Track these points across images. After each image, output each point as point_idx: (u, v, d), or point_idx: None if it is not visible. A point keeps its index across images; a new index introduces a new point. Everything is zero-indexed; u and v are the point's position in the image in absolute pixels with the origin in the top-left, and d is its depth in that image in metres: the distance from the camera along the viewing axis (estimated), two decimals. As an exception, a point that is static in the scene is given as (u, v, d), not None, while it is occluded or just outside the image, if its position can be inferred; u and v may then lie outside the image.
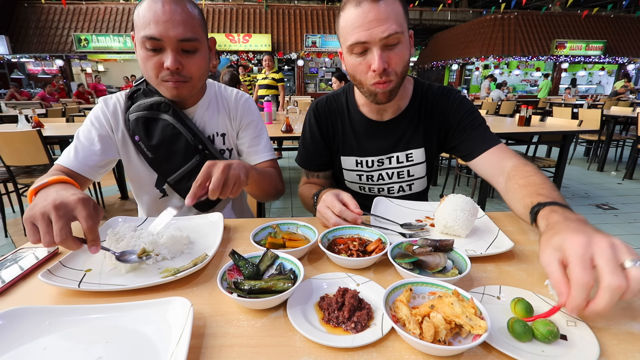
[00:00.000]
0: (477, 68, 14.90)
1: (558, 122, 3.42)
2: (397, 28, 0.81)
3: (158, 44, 0.83)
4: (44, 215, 0.57)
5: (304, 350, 0.46)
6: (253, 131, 1.10)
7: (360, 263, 0.65)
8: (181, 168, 1.01)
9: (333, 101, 1.11)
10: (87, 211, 0.59)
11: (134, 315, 0.51)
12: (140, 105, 0.97)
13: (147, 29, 0.82)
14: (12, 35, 11.55)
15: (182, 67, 0.87)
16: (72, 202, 0.59)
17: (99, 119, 0.97)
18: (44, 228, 0.56)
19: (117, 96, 1.01)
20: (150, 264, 0.67)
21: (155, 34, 0.81)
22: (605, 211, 3.27)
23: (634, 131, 4.34)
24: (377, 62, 0.83)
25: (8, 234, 2.78)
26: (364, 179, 1.13)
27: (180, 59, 0.86)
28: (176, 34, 0.83)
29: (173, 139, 0.99)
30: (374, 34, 0.81)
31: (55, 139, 2.68)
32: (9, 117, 4.90)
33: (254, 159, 1.11)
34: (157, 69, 0.86)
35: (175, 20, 0.82)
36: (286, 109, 3.27)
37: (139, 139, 0.98)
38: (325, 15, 13.06)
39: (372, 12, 0.81)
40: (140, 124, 0.97)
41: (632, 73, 13.80)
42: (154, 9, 0.82)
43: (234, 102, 1.09)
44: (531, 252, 0.73)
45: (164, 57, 0.85)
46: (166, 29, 0.82)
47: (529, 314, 0.51)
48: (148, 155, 0.99)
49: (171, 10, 0.82)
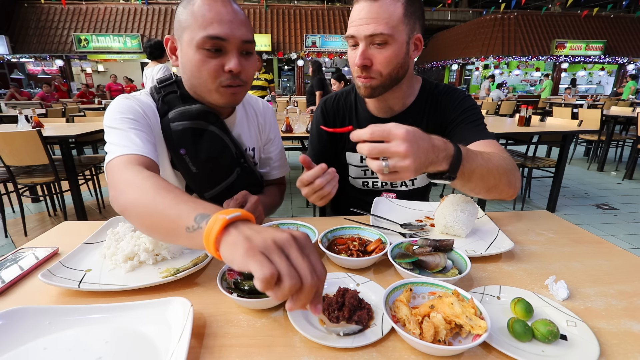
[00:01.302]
0: (477, 68, 14.90)
1: (558, 122, 3.42)
2: (384, 29, 0.83)
3: (221, 44, 0.78)
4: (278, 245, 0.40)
5: (304, 350, 0.46)
6: (277, 145, 1.11)
7: (360, 263, 0.65)
8: (221, 183, 0.95)
9: (342, 98, 1.13)
10: (318, 255, 0.43)
11: (134, 315, 0.51)
12: (185, 114, 0.86)
13: (209, 28, 0.76)
14: (12, 35, 11.55)
15: (243, 70, 0.82)
16: (303, 236, 0.42)
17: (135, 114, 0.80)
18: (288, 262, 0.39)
19: (145, 97, 0.87)
20: (151, 264, 0.67)
21: (220, 34, 0.76)
22: (605, 211, 3.27)
23: (634, 131, 4.34)
24: (358, 57, 0.87)
25: (8, 234, 2.77)
26: (368, 174, 1.14)
27: (241, 60, 0.81)
28: (241, 35, 0.79)
29: (221, 152, 0.91)
30: (360, 30, 0.85)
31: (55, 139, 2.67)
32: (9, 117, 4.89)
33: (276, 173, 1.13)
34: (216, 72, 0.79)
35: (240, 20, 0.79)
36: (286, 109, 3.27)
37: (185, 152, 0.87)
38: (325, 15, 13.06)
39: (364, 9, 0.84)
40: (188, 135, 0.86)
41: (631, 73, 13.79)
42: (216, 8, 0.77)
43: (262, 112, 1.06)
44: (531, 252, 0.73)
45: (225, 59, 0.79)
46: (232, 29, 0.77)
47: (529, 314, 0.51)
48: (192, 171, 0.89)
49: (234, 11, 0.79)
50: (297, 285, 0.38)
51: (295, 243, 0.40)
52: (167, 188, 0.56)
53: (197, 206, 0.49)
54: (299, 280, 0.38)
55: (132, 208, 0.57)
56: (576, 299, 0.57)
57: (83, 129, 2.84)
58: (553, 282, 0.59)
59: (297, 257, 0.39)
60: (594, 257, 0.71)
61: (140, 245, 0.68)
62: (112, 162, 0.70)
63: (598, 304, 0.56)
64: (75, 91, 10.73)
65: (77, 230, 0.86)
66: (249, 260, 0.38)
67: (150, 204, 0.54)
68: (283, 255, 0.39)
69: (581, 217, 3.13)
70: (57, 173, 2.61)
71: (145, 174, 0.62)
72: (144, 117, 0.81)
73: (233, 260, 0.40)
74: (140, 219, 0.56)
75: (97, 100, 8.10)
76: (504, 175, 0.75)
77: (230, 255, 0.40)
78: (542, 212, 0.96)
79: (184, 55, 0.81)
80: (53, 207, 3.25)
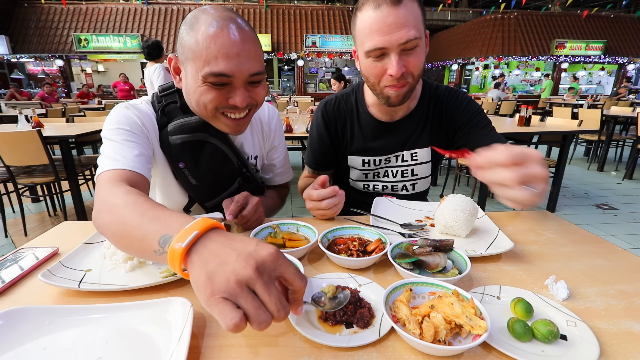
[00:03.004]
0: (477, 68, 14.90)
1: (558, 122, 3.42)
2: (415, 33, 0.80)
3: (226, 80, 0.73)
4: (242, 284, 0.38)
5: (304, 350, 0.46)
6: (282, 151, 1.11)
7: (360, 263, 0.65)
8: (223, 193, 0.95)
9: (342, 102, 1.11)
10: (293, 267, 0.42)
11: (134, 315, 0.51)
12: (185, 127, 0.84)
13: (213, 64, 0.70)
14: (12, 35, 11.54)
15: (250, 98, 0.78)
16: (270, 259, 0.39)
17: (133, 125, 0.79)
18: (254, 304, 0.37)
19: (146, 106, 0.85)
20: (151, 264, 0.67)
21: (226, 71, 0.70)
22: (605, 211, 3.27)
23: (634, 131, 4.34)
24: (395, 68, 0.82)
25: (8, 234, 2.77)
26: (369, 177, 1.14)
27: (248, 92, 0.77)
28: (249, 69, 0.73)
29: (221, 164, 0.91)
30: (392, 39, 0.80)
31: (55, 139, 2.67)
32: (9, 117, 4.89)
33: (279, 179, 1.13)
34: (219, 103, 0.75)
35: (248, 52, 0.72)
36: (286, 109, 3.27)
37: (184, 165, 0.86)
38: (325, 15, 13.06)
39: (391, 16, 0.79)
40: (187, 149, 0.85)
41: (631, 73, 13.79)
42: (222, 40, 0.69)
43: (267, 120, 1.03)
44: (531, 252, 0.73)
45: (230, 92, 0.75)
46: (239, 64, 0.71)
47: (529, 314, 0.51)
48: (192, 183, 0.89)
49: (242, 40, 0.71)
50: (267, 324, 0.37)
51: (261, 276, 0.38)
52: (137, 206, 0.54)
53: (162, 225, 0.47)
54: (269, 318, 0.37)
55: (107, 229, 0.56)
56: (576, 299, 0.57)
57: (83, 129, 2.84)
58: (553, 282, 0.59)
59: (264, 293, 0.37)
60: (594, 257, 0.71)
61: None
62: (99, 177, 0.69)
63: (598, 304, 0.56)
64: (75, 91, 10.74)
65: (77, 230, 0.86)
66: (212, 308, 0.37)
67: (120, 225, 0.53)
68: (248, 295, 0.37)
69: (581, 217, 3.13)
70: (57, 173, 2.61)
71: (123, 192, 0.59)
72: (141, 129, 0.80)
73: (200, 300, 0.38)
74: (115, 240, 0.55)
75: (97, 100, 8.10)
76: None
77: (197, 294, 0.39)
78: (542, 212, 0.96)
79: (187, 82, 0.77)
80: (53, 207, 3.25)
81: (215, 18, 0.71)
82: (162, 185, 0.91)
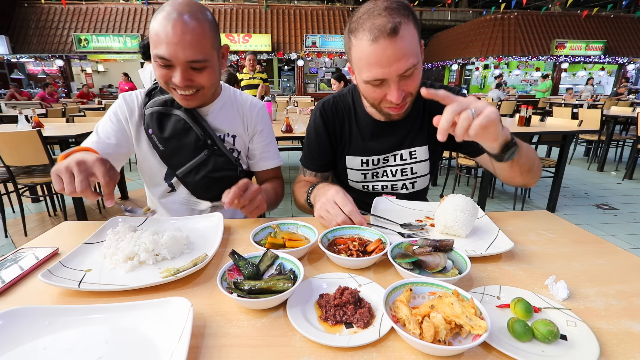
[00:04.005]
0: (477, 68, 14.90)
1: (558, 122, 3.42)
2: (414, 61, 0.79)
3: (167, 62, 0.86)
4: (68, 169, 0.67)
5: (304, 350, 0.46)
6: (265, 138, 1.16)
7: (360, 263, 0.65)
8: (190, 161, 1.05)
9: (340, 102, 1.11)
10: (104, 169, 0.69)
11: (134, 315, 0.51)
12: (156, 101, 1.02)
13: (158, 48, 0.84)
14: (12, 35, 11.54)
15: (192, 81, 0.90)
16: (92, 161, 0.69)
17: (116, 114, 1.02)
18: (67, 179, 0.66)
19: (137, 93, 1.06)
20: (151, 264, 0.67)
21: (165, 55, 0.84)
22: (605, 211, 3.27)
23: (634, 131, 4.34)
24: (395, 94, 0.82)
25: (8, 234, 2.77)
26: (368, 177, 1.13)
27: (189, 75, 0.89)
28: (185, 56, 0.85)
29: (184, 133, 1.03)
30: (392, 71, 0.79)
31: (55, 139, 2.68)
32: (9, 117, 4.89)
33: (265, 164, 1.17)
34: (167, 79, 0.89)
35: (186, 42, 0.83)
36: (286, 109, 3.28)
37: (152, 132, 1.02)
38: (325, 16, 13.06)
39: (389, 49, 0.76)
40: (154, 118, 1.02)
41: (631, 73, 13.79)
42: (166, 29, 0.82)
43: (249, 108, 1.13)
44: (531, 252, 0.74)
45: (173, 72, 0.88)
46: (175, 51, 0.84)
47: (529, 314, 0.51)
48: (159, 148, 1.03)
49: (182, 31, 0.83)
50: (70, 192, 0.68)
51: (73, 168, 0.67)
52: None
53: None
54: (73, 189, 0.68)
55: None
56: (576, 299, 0.57)
57: (83, 129, 2.84)
58: (553, 282, 0.59)
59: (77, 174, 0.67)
60: (594, 257, 0.71)
61: (140, 245, 0.68)
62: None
63: (598, 304, 0.56)
64: (75, 91, 10.73)
65: (77, 230, 0.86)
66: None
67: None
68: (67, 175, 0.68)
69: (581, 217, 3.13)
70: (57, 173, 2.60)
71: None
72: (120, 116, 1.02)
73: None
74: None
75: (97, 100, 8.10)
76: (534, 154, 0.88)
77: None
78: (542, 212, 0.96)
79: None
80: (53, 207, 3.25)
81: (169, 10, 0.83)
82: (144, 155, 1.07)
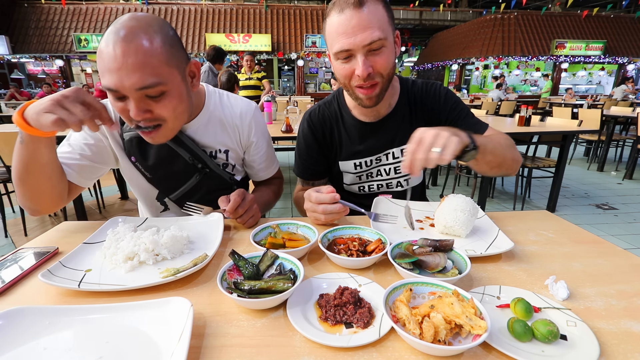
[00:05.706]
0: (477, 68, 14.90)
1: (558, 122, 3.42)
2: (380, 34, 0.82)
3: (118, 93, 0.72)
4: (58, 103, 0.62)
5: (304, 350, 0.46)
6: (261, 148, 1.09)
7: (360, 263, 0.65)
8: (182, 187, 0.99)
9: (326, 109, 1.12)
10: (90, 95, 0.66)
11: (134, 315, 0.51)
12: None
13: (103, 78, 0.70)
14: (12, 35, 11.54)
15: (150, 112, 0.76)
16: (73, 90, 0.65)
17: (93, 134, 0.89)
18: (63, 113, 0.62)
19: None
20: (151, 264, 0.67)
21: (111, 85, 0.70)
22: (605, 211, 3.27)
23: (634, 131, 4.35)
24: (361, 68, 0.84)
25: (8, 234, 2.78)
26: (363, 178, 1.13)
27: (145, 106, 0.74)
28: (132, 83, 0.69)
29: (169, 159, 0.94)
30: (357, 41, 0.82)
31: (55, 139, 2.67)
32: (9, 117, 4.90)
33: (265, 174, 1.14)
34: (125, 114, 0.75)
35: (129, 65, 0.68)
36: (286, 109, 3.28)
37: (135, 159, 0.94)
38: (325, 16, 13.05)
39: (354, 19, 0.81)
40: (134, 145, 0.91)
41: (631, 73, 13.79)
42: (105, 54, 0.68)
43: (239, 119, 1.01)
44: (531, 252, 0.74)
45: (128, 105, 0.73)
46: (120, 79, 0.69)
47: (529, 314, 0.51)
48: (147, 176, 0.97)
49: (123, 54, 0.68)
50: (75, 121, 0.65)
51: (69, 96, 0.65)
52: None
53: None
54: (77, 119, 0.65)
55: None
56: (576, 299, 0.57)
57: (83, 129, 2.83)
58: (553, 282, 0.59)
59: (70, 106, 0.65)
60: (594, 257, 0.71)
61: (140, 245, 0.68)
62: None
63: (598, 304, 0.56)
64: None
65: (77, 230, 0.86)
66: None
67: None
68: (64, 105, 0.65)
69: (581, 217, 3.13)
70: (57, 173, 2.61)
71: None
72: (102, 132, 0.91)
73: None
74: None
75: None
76: (507, 149, 0.89)
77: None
78: (542, 212, 0.96)
79: None
80: (53, 207, 3.25)
81: (111, 30, 0.70)
82: (131, 176, 0.99)
